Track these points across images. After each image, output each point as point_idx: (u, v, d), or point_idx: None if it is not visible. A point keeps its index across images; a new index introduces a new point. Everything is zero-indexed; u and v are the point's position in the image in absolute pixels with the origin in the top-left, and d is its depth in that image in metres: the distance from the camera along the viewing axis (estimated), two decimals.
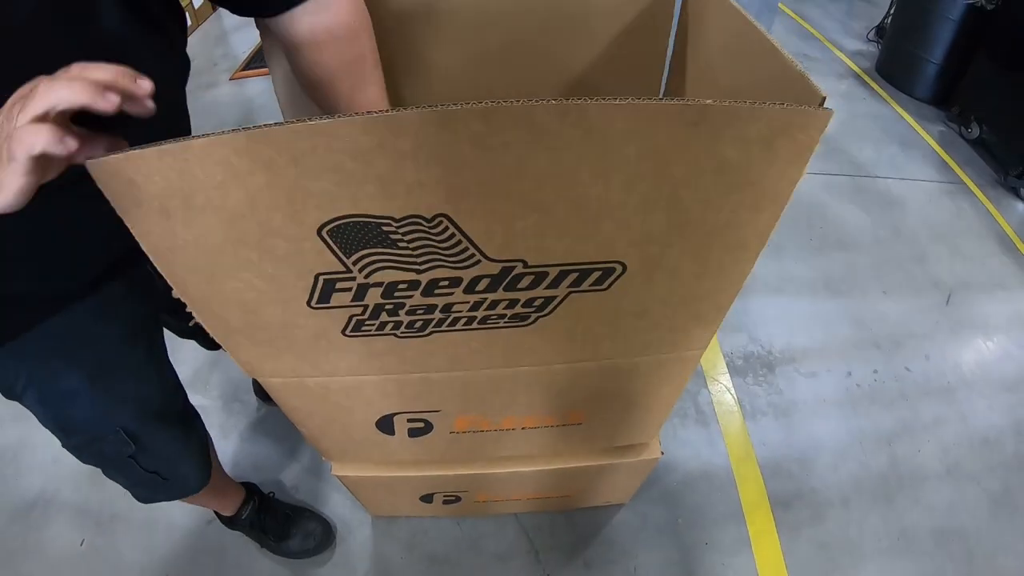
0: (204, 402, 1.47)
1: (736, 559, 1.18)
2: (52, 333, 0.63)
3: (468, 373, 0.63)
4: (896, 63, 2.95)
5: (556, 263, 0.48)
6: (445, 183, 0.40)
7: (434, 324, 0.54)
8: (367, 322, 0.53)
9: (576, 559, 1.16)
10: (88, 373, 0.68)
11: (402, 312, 0.52)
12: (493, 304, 0.52)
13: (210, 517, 1.24)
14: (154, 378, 0.78)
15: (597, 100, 0.35)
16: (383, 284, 0.48)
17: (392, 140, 0.37)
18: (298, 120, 0.35)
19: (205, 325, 0.54)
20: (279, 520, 1.18)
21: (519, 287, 0.50)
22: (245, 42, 3.15)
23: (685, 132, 0.38)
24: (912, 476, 1.36)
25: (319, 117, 0.36)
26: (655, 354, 0.64)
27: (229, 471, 1.19)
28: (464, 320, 0.54)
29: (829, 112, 0.39)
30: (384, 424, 0.72)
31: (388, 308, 0.51)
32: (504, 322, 0.54)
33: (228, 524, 1.18)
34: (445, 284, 0.48)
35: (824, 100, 0.41)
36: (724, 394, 1.46)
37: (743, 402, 1.44)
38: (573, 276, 0.49)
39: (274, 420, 1.42)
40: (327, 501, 1.26)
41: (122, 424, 0.74)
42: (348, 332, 0.54)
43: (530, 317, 0.54)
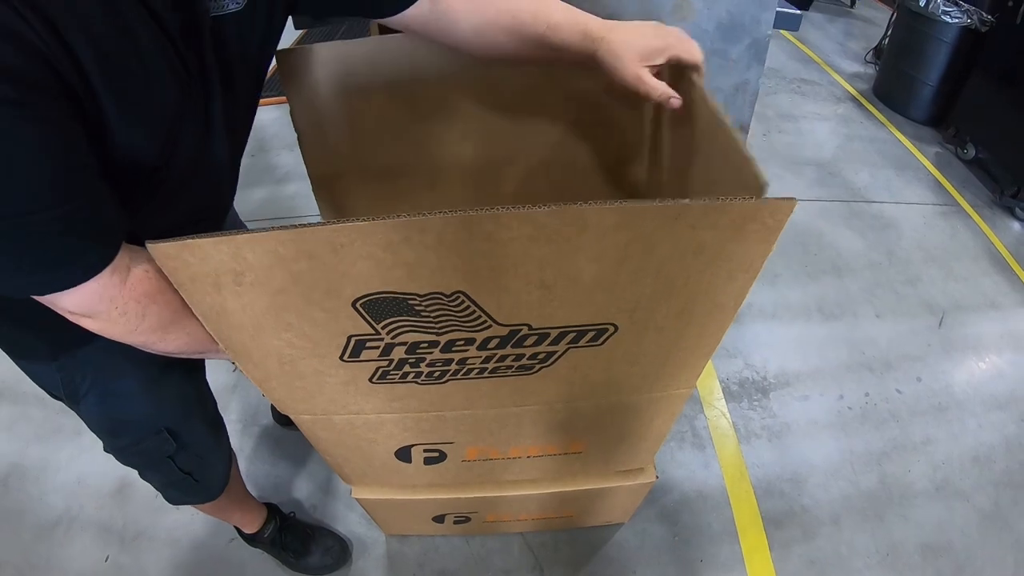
0: None
1: (730, 575, 1.24)
2: (116, 342, 0.72)
3: (479, 412, 0.71)
4: (892, 85, 3.02)
5: (557, 326, 0.56)
6: (462, 269, 0.48)
7: (451, 374, 0.62)
8: (391, 372, 0.61)
9: (578, 574, 1.23)
10: (143, 378, 0.77)
11: (423, 364, 0.60)
12: (502, 358, 0.60)
13: (232, 535, 1.29)
14: (194, 384, 0.88)
15: (592, 203, 0.44)
16: (407, 344, 0.56)
17: (418, 236, 0.45)
18: (337, 221, 0.43)
19: (244, 371, 0.62)
20: (299, 537, 1.24)
21: (525, 345, 0.58)
22: None
23: (667, 224, 0.47)
24: (902, 494, 1.41)
25: (353, 219, 0.43)
26: (647, 393, 0.71)
27: (250, 491, 1.26)
28: (477, 371, 0.62)
29: (792, 203, 0.46)
30: (402, 454, 0.80)
31: (411, 362, 0.59)
32: (511, 372, 0.63)
33: (250, 541, 1.25)
34: (461, 343, 0.57)
35: (766, 187, 0.49)
36: (720, 419, 1.52)
37: (738, 426, 1.51)
38: (571, 335, 0.58)
39: (292, 443, 1.49)
40: (343, 520, 1.33)
41: (166, 424, 0.82)
42: (374, 380, 0.63)
43: (534, 367, 0.62)
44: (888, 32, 3.12)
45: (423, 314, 0.52)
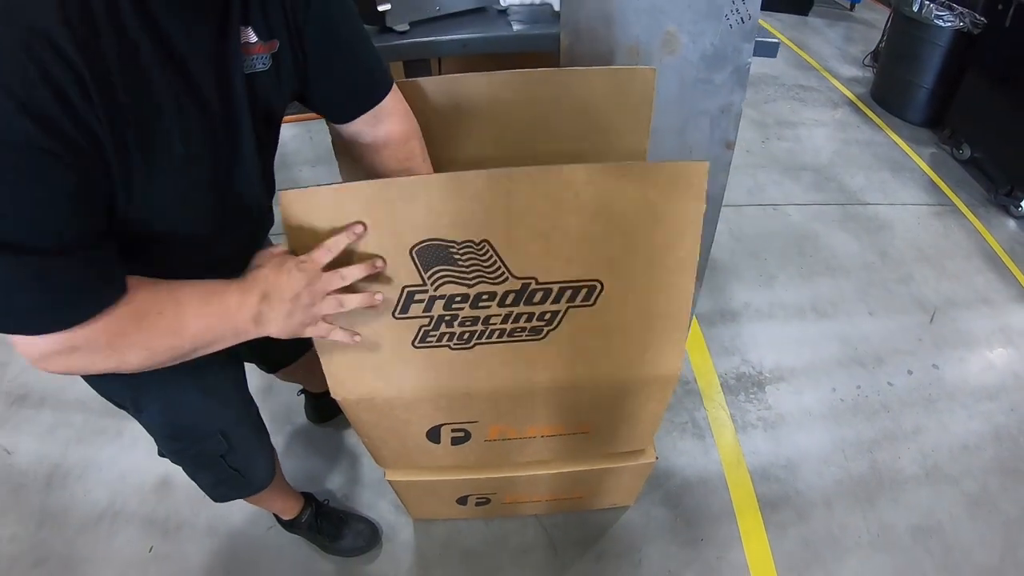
0: None
1: (729, 553, 1.34)
2: None
3: (498, 383, 0.84)
4: (889, 89, 3.10)
5: (556, 281, 0.74)
6: (488, 218, 0.68)
7: (476, 336, 0.78)
8: (431, 332, 0.77)
9: (589, 552, 1.34)
10: (203, 387, 0.89)
11: (455, 324, 0.76)
12: (517, 317, 0.77)
13: (269, 524, 1.41)
14: (241, 392, 1.01)
15: (570, 165, 0.63)
16: (445, 296, 0.74)
17: (459, 188, 0.65)
18: (411, 177, 0.65)
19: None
20: (332, 522, 1.36)
21: (534, 302, 0.75)
22: None
23: (620, 180, 0.66)
24: (892, 480, 1.50)
25: (419, 176, 0.63)
26: (638, 369, 0.84)
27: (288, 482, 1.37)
28: (497, 332, 0.78)
29: (705, 164, 0.66)
30: (432, 434, 0.93)
31: (446, 319, 0.76)
32: (525, 335, 0.79)
33: (288, 527, 1.37)
34: (485, 297, 0.74)
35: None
36: (719, 411, 1.63)
37: (735, 417, 1.62)
38: (568, 292, 0.75)
39: (323, 439, 1.61)
40: (373, 507, 1.46)
41: (220, 428, 0.95)
42: (416, 343, 0.78)
43: (543, 331, 0.78)
44: (884, 37, 3.21)
45: (459, 263, 0.71)
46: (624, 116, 0.99)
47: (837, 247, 2.19)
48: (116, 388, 0.84)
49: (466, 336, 0.78)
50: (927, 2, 2.73)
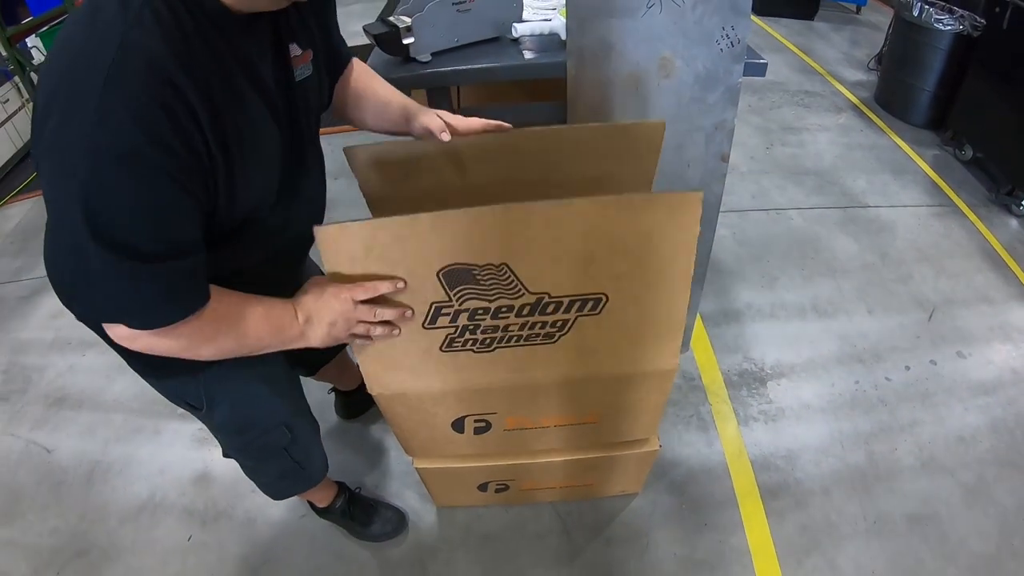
0: None
1: (731, 537, 1.43)
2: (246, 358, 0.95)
3: (517, 378, 0.95)
4: (892, 92, 3.15)
5: (567, 295, 0.84)
6: (506, 245, 0.78)
7: (497, 341, 0.89)
8: (456, 339, 0.88)
9: (600, 536, 1.45)
10: (268, 380, 1.01)
11: (478, 332, 0.88)
12: (532, 325, 0.88)
13: (302, 512, 1.51)
14: (298, 389, 1.13)
15: (575, 199, 0.72)
16: (469, 310, 0.84)
17: (481, 219, 0.74)
18: (438, 212, 0.72)
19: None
20: (363, 509, 1.47)
21: (547, 312, 0.86)
22: None
23: (622, 210, 0.75)
24: (888, 470, 1.57)
25: (447, 210, 0.71)
26: (640, 366, 0.94)
27: None
28: (515, 338, 0.89)
29: (699, 194, 0.74)
30: (457, 424, 1.05)
31: (470, 328, 0.87)
32: (539, 340, 0.90)
33: (322, 514, 1.48)
34: (504, 310, 0.85)
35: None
36: (721, 405, 1.73)
37: (737, 411, 1.71)
38: (577, 304, 0.86)
39: (353, 435, 1.72)
40: (400, 496, 1.57)
41: (284, 421, 1.06)
42: (443, 349, 0.89)
43: (555, 336, 0.90)
44: (887, 41, 3.26)
45: (481, 282, 0.81)
46: (632, 161, 1.06)
47: (838, 249, 2.26)
48: (190, 390, 0.95)
49: (487, 341, 0.89)
50: (927, 6, 2.79)
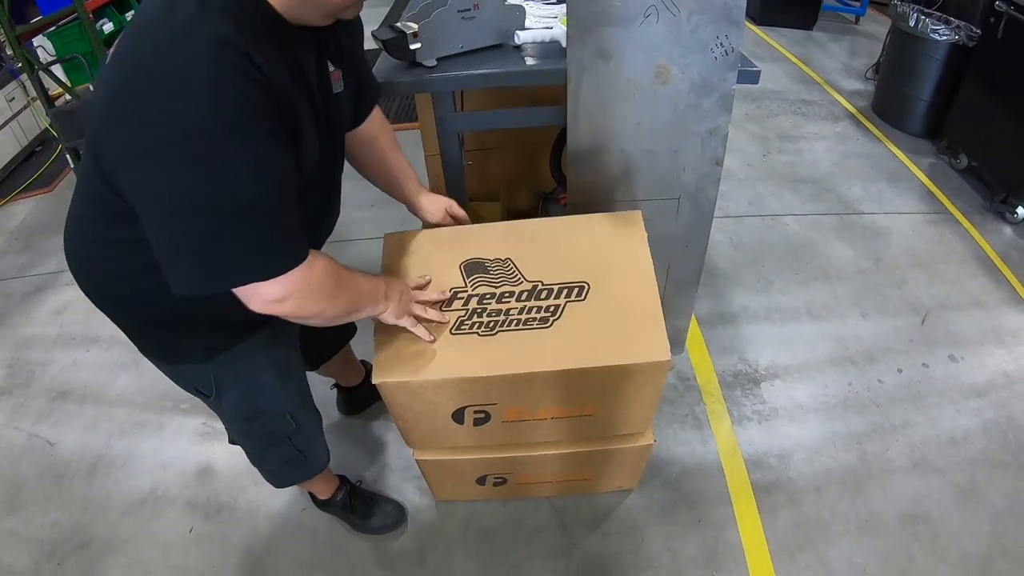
0: None
1: (724, 533, 1.46)
2: (257, 342, 1.00)
3: (516, 369, 0.99)
4: (888, 102, 3.20)
5: (557, 282, 1.07)
6: (510, 245, 1.13)
7: (499, 324, 1.04)
8: (466, 322, 1.05)
9: (596, 531, 1.48)
10: (277, 371, 1.05)
11: (484, 315, 1.05)
12: (530, 310, 1.05)
13: (303, 505, 1.54)
14: (305, 381, 1.17)
15: (558, 217, 1.00)
16: (479, 295, 1.07)
17: (492, 231, 1.14)
18: (467, 226, 1.20)
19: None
20: (364, 503, 1.50)
21: (541, 297, 1.06)
22: None
23: (583, 227, 1.15)
24: (881, 470, 1.59)
25: (470, 225, 1.07)
26: (630, 354, 0.98)
27: None
28: (515, 322, 1.04)
29: (638, 213, 1.16)
30: (457, 415, 1.08)
31: (478, 311, 1.06)
32: (536, 324, 1.03)
33: (323, 507, 1.50)
34: (507, 295, 1.07)
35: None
36: (716, 404, 1.76)
37: (732, 411, 1.74)
38: (566, 290, 1.06)
39: (355, 430, 1.76)
40: (400, 490, 1.60)
41: (290, 410, 1.11)
42: (453, 331, 1.04)
43: (549, 321, 1.03)
44: (884, 51, 3.32)
45: (491, 271, 1.10)
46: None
47: (833, 255, 2.30)
48: (201, 376, 1.00)
49: (491, 325, 1.04)
50: (923, 17, 2.84)
